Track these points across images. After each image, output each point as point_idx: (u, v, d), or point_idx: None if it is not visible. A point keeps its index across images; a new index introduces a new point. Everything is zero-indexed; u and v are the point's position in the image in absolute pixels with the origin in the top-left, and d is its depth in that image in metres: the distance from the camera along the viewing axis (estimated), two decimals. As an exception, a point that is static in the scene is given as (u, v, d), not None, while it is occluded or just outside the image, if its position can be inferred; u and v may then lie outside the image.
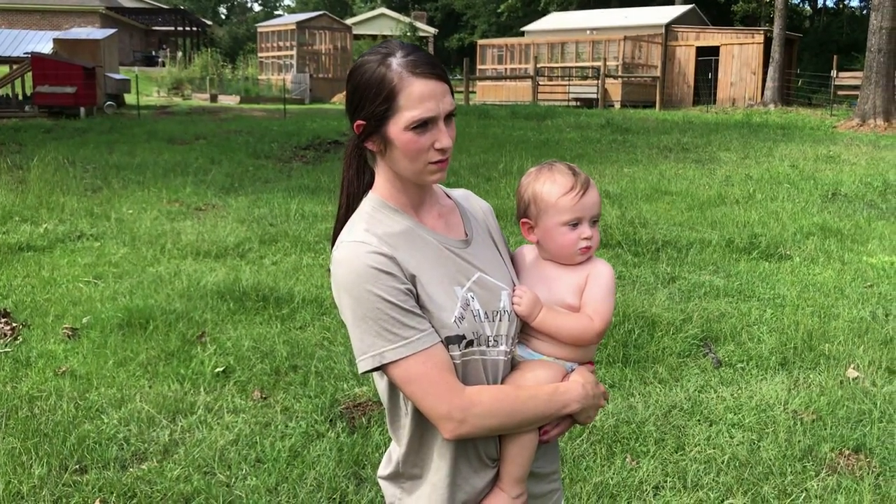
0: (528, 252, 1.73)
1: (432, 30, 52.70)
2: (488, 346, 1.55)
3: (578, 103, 28.67)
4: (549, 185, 1.64)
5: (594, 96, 28.69)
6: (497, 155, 13.65)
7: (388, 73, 1.46)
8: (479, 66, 34.21)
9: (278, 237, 7.80)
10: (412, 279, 1.47)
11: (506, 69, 33.39)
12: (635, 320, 5.25)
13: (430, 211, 1.60)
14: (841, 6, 53.70)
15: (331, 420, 3.96)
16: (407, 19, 50.95)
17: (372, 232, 1.49)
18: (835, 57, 30.08)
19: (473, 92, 31.94)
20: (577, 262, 1.65)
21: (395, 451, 1.61)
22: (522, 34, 37.18)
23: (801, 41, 37.96)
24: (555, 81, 31.72)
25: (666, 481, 3.41)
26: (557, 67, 32.27)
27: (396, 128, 1.46)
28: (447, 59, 56.18)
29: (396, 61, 1.46)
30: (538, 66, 30.18)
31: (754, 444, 3.75)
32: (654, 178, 11.60)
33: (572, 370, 1.63)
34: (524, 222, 1.69)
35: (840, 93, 28.27)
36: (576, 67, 32.02)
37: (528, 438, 1.55)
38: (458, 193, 1.74)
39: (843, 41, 40.60)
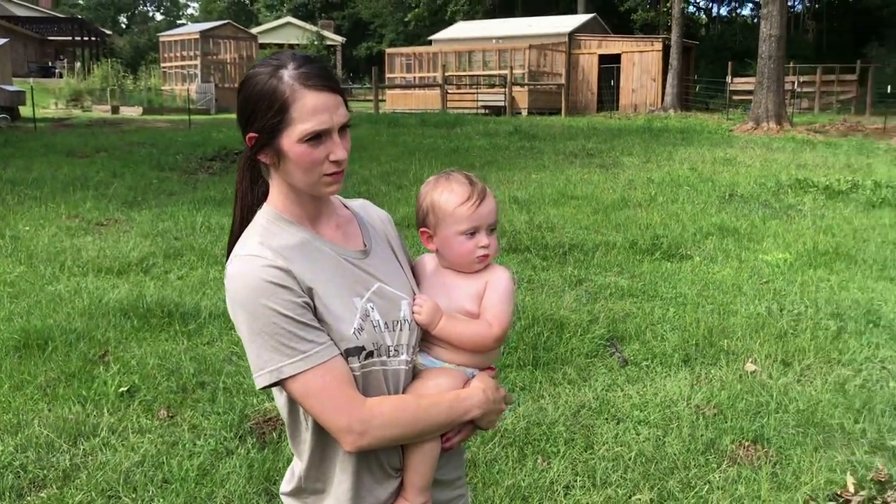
0: (429, 261, 1.75)
1: (340, 38, 52.43)
2: (389, 357, 1.55)
3: (487, 111, 29.01)
4: (447, 195, 1.66)
5: (502, 104, 29.09)
6: (407, 163, 13.69)
7: (279, 85, 1.45)
8: (387, 75, 34.23)
9: (184, 251, 7.62)
10: (309, 292, 1.46)
11: (415, 77, 33.53)
12: (544, 323, 5.35)
13: (328, 222, 1.60)
14: (734, 15, 56.01)
15: (240, 436, 3.89)
16: (314, 28, 50.54)
17: (266, 245, 1.48)
18: (729, 63, 31.37)
19: (383, 100, 31.93)
20: (475, 269, 1.68)
21: (297, 467, 1.59)
22: (430, 43, 37.40)
23: (698, 48, 39.43)
24: (463, 90, 32.05)
25: (576, 480, 3.49)
26: (465, 76, 32.61)
27: (289, 140, 1.45)
28: (356, 68, 56.01)
29: (288, 73, 1.46)
30: (446, 74, 30.40)
31: (660, 439, 3.87)
32: (560, 184, 11.83)
33: (473, 376, 1.66)
34: (423, 231, 1.71)
35: (735, 97, 29.46)
36: (483, 76, 32.41)
37: (430, 447, 1.57)
38: (356, 204, 1.74)
39: (736, 48, 42.36)
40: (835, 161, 14.73)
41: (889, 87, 26.19)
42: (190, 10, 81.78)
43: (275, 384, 1.45)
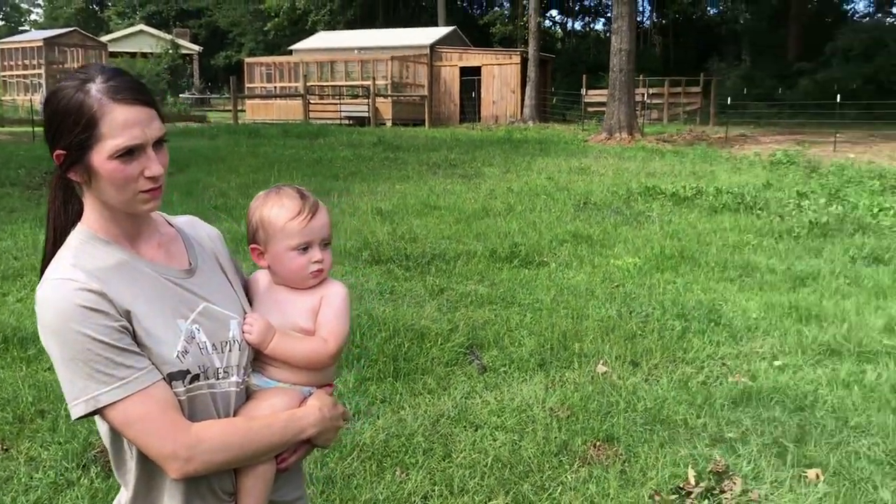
0: (262, 277, 1.70)
1: (196, 47, 50.91)
2: (217, 379, 1.50)
3: (350, 122, 28.93)
4: (277, 210, 1.62)
5: (366, 115, 29.09)
6: (268, 174, 13.44)
7: (86, 99, 1.37)
8: (247, 85, 33.55)
9: (24, 271, 7.16)
10: (127, 315, 1.39)
11: (275, 87, 33.01)
12: (405, 334, 5.36)
13: (149, 241, 1.53)
14: (588, 30, 58.36)
15: (84, 465, 3.68)
16: (168, 36, 48.85)
17: (80, 267, 1.40)
18: (584, 76, 32.63)
19: (242, 111, 31.24)
20: (309, 285, 1.65)
21: (123, 497, 1.51)
22: (291, 52, 36.93)
23: (555, 62, 40.81)
24: (326, 100, 31.82)
25: (434, 490, 3.50)
26: (328, 86, 32.39)
27: (100, 157, 1.38)
28: (214, 78, 54.56)
29: (96, 87, 1.38)
30: (308, 84, 30.09)
31: (516, 444, 3.94)
32: (423, 194, 11.93)
33: (310, 394, 1.63)
34: (253, 248, 1.66)
35: (590, 109, 30.70)
36: (346, 86, 32.31)
37: (263, 469, 1.53)
38: (183, 221, 1.68)
39: (590, 61, 44.17)
40: (681, 169, 15.57)
41: (729, 99, 27.95)
42: (34, 17, 77.17)
43: (91, 413, 1.37)
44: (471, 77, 33.92)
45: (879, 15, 48.09)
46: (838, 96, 22.73)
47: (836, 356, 5.21)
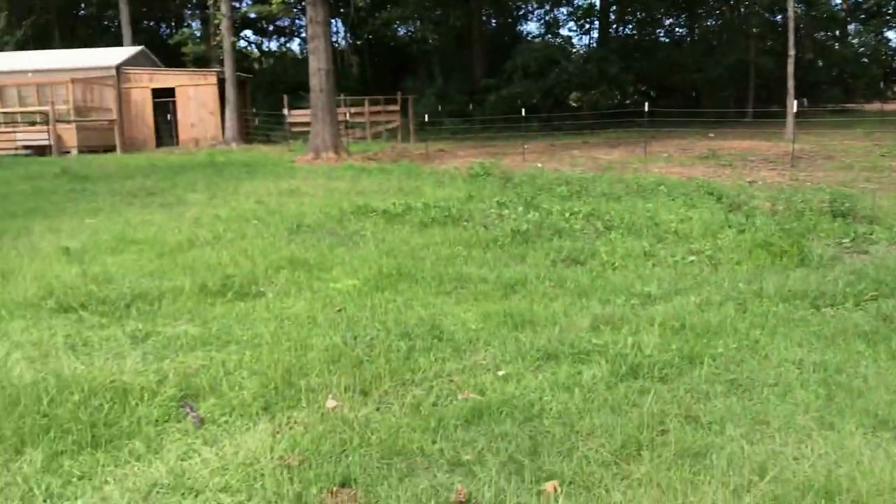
0: None
1: None
2: None
3: (29, 151, 26.05)
4: None
5: (46, 143, 26.36)
6: (-76, 218, 11.51)
7: None
8: None
9: None
10: None
11: (-69, 116, 28.84)
12: (104, 393, 4.67)
13: None
14: (284, 49, 58.14)
15: None
16: None
17: None
18: (285, 96, 32.31)
19: None
20: None
21: None
22: (-50, 76, 32.49)
23: (253, 82, 40.07)
24: (-2, 129, 28.41)
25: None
26: (-1, 113, 28.94)
27: None
28: None
29: None
30: (-26, 112, 26.63)
31: (244, 505, 3.52)
32: (118, 228, 10.88)
33: None
34: None
35: (294, 129, 30.48)
36: (21, 112, 29.07)
37: None
38: None
39: (290, 81, 43.93)
40: (389, 186, 15.83)
41: (426, 116, 29.18)
42: None
43: None
44: (165, 99, 32.15)
45: (549, 36, 53.19)
46: (523, 110, 24.64)
47: (553, 360, 5.37)
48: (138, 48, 36.50)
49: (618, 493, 3.52)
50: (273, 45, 59.26)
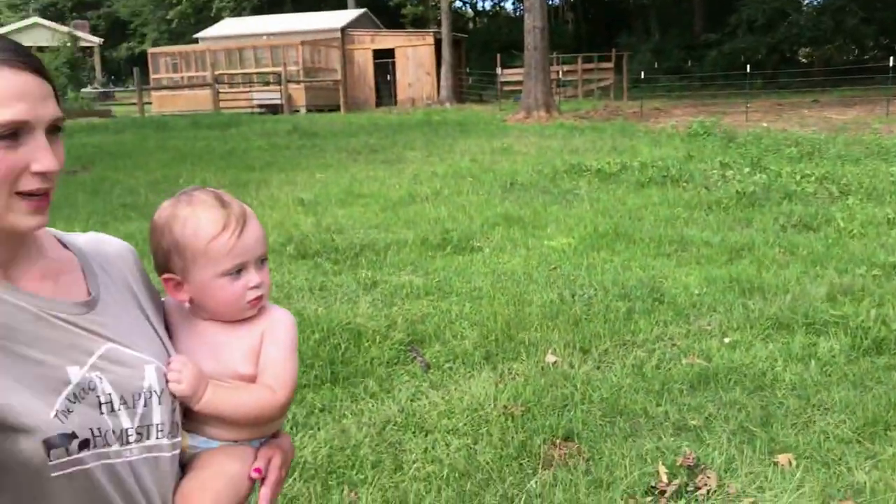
0: (178, 306, 1.33)
1: (97, 39, 48.63)
2: (123, 445, 1.10)
3: (263, 110, 28.09)
4: (193, 227, 1.23)
5: (279, 102, 28.28)
6: (179, 169, 12.79)
7: None
8: (152, 76, 32.24)
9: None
10: None
11: (182, 78, 31.79)
12: (340, 334, 5.00)
13: (28, 269, 1.12)
14: (498, 9, 58.31)
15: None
16: (66, 29, 46.54)
17: None
18: (498, 55, 32.48)
19: (149, 103, 29.99)
20: (246, 316, 1.29)
21: None
22: (197, 41, 35.65)
23: (468, 41, 40.62)
24: (236, 88, 30.84)
25: (388, 509, 3.19)
26: (238, 74, 31.36)
27: None
28: (117, 70, 52.45)
29: None
30: (217, 73, 29.05)
31: (471, 449, 3.65)
32: (346, 182, 11.52)
33: (259, 447, 1.28)
34: (168, 279, 1.27)
35: (506, 88, 30.57)
36: (256, 73, 31.36)
37: None
38: (84, 240, 1.27)
39: (503, 40, 44.02)
40: (602, 145, 15.53)
41: (642, 73, 28.25)
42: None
43: None
44: (384, 60, 33.41)
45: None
46: (748, 66, 23.18)
47: (785, 329, 5.09)
48: (361, 10, 38.09)
49: (861, 473, 3.29)
50: (487, 5, 59.74)
